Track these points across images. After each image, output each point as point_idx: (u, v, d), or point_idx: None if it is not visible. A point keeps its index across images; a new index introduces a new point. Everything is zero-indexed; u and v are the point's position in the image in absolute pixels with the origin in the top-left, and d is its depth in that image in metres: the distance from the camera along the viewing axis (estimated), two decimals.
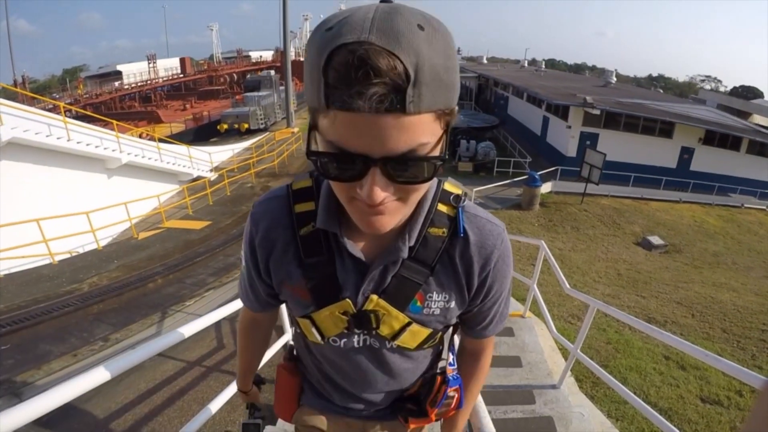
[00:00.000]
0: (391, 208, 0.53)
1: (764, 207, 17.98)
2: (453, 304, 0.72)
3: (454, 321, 0.78)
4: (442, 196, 0.70)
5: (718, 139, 18.56)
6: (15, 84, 32.40)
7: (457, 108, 0.52)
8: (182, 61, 40.64)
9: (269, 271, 0.75)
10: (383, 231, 0.55)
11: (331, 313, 0.72)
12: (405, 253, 0.66)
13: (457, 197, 0.70)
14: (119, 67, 37.17)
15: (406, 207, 0.55)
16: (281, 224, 0.71)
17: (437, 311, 0.72)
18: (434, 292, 0.71)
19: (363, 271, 0.69)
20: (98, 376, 1.23)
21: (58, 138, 9.28)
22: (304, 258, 0.70)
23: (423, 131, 0.47)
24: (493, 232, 0.70)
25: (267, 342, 1.04)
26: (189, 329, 1.75)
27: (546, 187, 15.48)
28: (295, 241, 0.70)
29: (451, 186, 0.73)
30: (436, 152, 0.51)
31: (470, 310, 0.76)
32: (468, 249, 0.69)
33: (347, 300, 0.70)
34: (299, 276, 0.71)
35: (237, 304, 2.11)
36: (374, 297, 0.69)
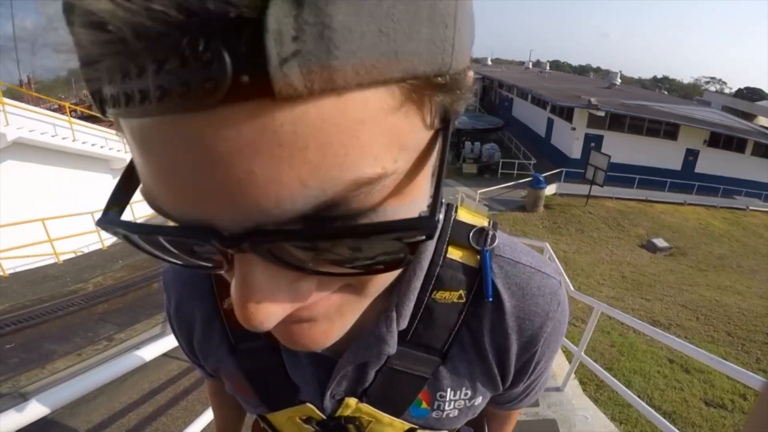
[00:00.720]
0: (329, 308, 0.26)
1: None
2: (480, 399, 0.46)
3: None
4: (455, 232, 0.42)
5: (723, 141, 18.50)
6: (20, 84, 32.60)
7: (471, 74, 0.24)
8: None
9: (196, 354, 0.52)
10: (316, 347, 0.28)
11: (290, 418, 0.48)
12: (392, 348, 0.39)
13: (481, 233, 0.42)
14: None
15: (361, 299, 0.28)
16: (198, 293, 0.47)
17: (455, 413, 0.46)
18: (448, 389, 0.44)
19: (327, 365, 0.43)
20: (102, 375, 1.24)
21: (63, 138, 9.33)
22: (235, 343, 0.46)
23: (357, 141, 0.18)
24: (544, 290, 0.41)
25: None
26: None
27: (550, 189, 15.45)
28: (220, 317, 0.46)
29: (468, 213, 0.44)
30: (412, 197, 0.23)
31: (501, 393, 0.50)
32: (502, 320, 0.41)
33: (308, 405, 0.45)
34: (233, 366, 0.48)
35: None
36: (351, 401, 0.43)
